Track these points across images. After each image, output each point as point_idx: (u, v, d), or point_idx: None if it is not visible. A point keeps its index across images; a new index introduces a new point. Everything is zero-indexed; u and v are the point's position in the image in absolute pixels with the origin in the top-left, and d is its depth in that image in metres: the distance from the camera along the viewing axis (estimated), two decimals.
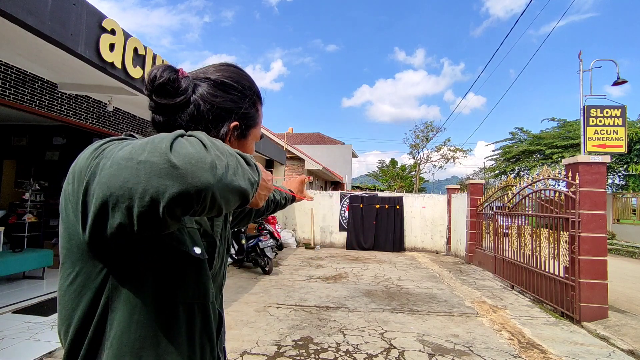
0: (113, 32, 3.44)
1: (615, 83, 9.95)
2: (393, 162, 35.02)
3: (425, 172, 29.56)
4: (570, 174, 5.00)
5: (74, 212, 0.57)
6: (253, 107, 0.80)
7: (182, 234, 0.66)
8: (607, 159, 4.91)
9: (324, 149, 27.41)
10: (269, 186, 0.70)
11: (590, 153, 9.77)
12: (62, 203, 0.61)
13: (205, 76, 0.75)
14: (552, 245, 5.27)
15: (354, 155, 30.21)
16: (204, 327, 0.71)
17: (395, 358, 3.44)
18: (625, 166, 16.40)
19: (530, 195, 6.21)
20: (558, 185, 5.78)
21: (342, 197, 11.48)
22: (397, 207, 11.17)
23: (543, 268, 5.53)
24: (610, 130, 9.84)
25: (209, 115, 0.72)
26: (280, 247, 8.25)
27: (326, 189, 20.55)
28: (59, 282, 0.63)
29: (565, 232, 5.00)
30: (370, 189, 31.38)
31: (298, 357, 3.38)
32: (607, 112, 9.86)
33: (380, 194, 11.89)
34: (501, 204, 7.50)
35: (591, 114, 9.86)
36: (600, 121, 9.86)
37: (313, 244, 11.22)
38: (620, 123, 9.84)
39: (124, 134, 0.64)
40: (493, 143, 25.30)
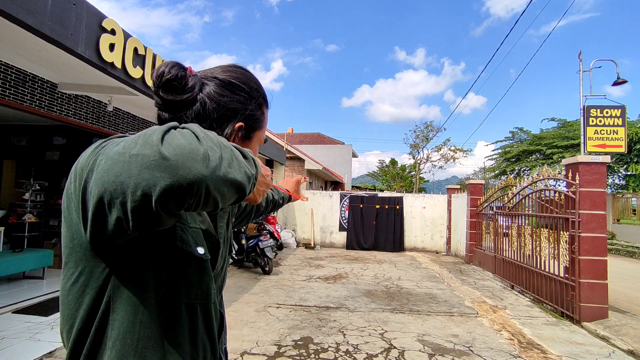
0: (113, 32, 3.44)
1: (615, 83, 9.95)
2: (393, 162, 35.03)
3: (425, 172, 29.60)
4: (570, 174, 5.00)
5: (77, 211, 0.57)
6: (259, 110, 0.80)
7: (186, 234, 0.66)
8: (607, 159, 4.92)
9: (324, 149, 27.42)
10: (268, 182, 0.70)
11: (590, 153, 9.77)
12: (65, 202, 0.60)
13: (213, 75, 0.75)
14: (552, 245, 5.27)
15: (354, 155, 30.21)
16: (206, 327, 0.70)
17: (395, 358, 3.44)
18: (625, 166, 16.39)
19: (530, 195, 6.21)
20: (558, 185, 5.78)
21: (342, 197, 11.48)
22: (397, 207, 11.17)
23: (543, 268, 5.53)
24: (610, 130, 9.83)
25: (215, 114, 0.72)
26: (280, 247, 8.26)
27: (326, 189, 20.54)
28: (62, 282, 0.63)
29: (565, 232, 5.00)
30: (370, 189, 31.38)
31: (298, 357, 3.38)
32: (607, 112, 9.86)
33: (380, 194, 11.89)
34: (501, 204, 7.50)
35: (591, 114, 9.86)
36: (600, 121, 9.86)
37: (313, 244, 11.22)
38: (620, 123, 9.83)
39: (128, 134, 0.64)
40: (493, 143, 25.32)
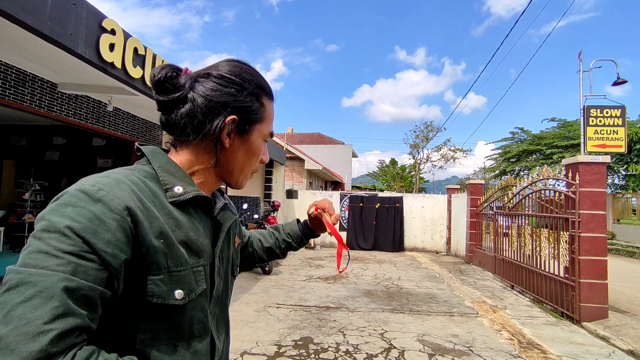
0: (113, 32, 3.44)
1: (615, 83, 9.95)
2: (393, 162, 35.03)
3: (425, 172, 29.60)
4: (570, 174, 5.00)
5: None
6: (256, 101, 0.75)
7: (160, 285, 0.60)
8: (607, 159, 4.92)
9: (324, 149, 27.41)
10: None
11: (590, 153, 9.77)
12: None
13: (206, 72, 0.74)
14: (552, 245, 5.27)
15: (354, 155, 30.21)
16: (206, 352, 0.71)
17: (395, 358, 3.43)
18: (625, 166, 16.39)
19: (530, 195, 6.21)
20: (558, 185, 5.77)
21: (342, 197, 11.47)
22: (397, 207, 11.17)
23: (543, 268, 5.53)
24: (610, 130, 9.83)
25: (204, 109, 0.70)
26: None
27: (326, 189, 20.55)
28: None
29: (565, 232, 5.00)
30: (370, 189, 31.37)
31: (298, 357, 3.38)
32: (607, 112, 9.86)
33: (380, 194, 11.89)
34: (501, 204, 7.50)
35: (591, 114, 9.86)
36: (600, 121, 9.86)
37: (313, 244, 11.22)
38: (620, 123, 9.83)
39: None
40: (493, 142, 25.31)
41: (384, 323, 4.40)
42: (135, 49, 3.78)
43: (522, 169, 21.40)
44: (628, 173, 16.41)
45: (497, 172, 23.33)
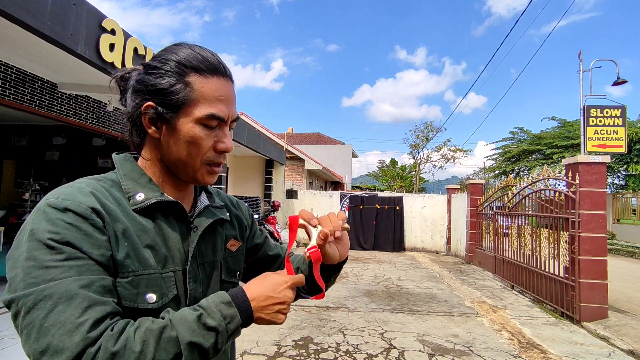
0: (113, 32, 3.44)
1: (615, 83, 9.94)
2: (393, 162, 35.03)
3: (425, 172, 29.59)
4: (570, 174, 5.00)
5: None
6: (176, 82, 0.65)
7: (128, 288, 0.59)
8: (607, 159, 4.91)
9: (324, 149, 27.40)
10: (279, 297, 0.65)
11: (590, 153, 9.77)
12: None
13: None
14: (552, 245, 5.27)
15: (354, 155, 30.21)
16: None
17: (395, 358, 3.43)
18: (625, 166, 16.39)
19: (530, 195, 6.21)
20: (558, 185, 5.77)
21: (342, 197, 11.47)
22: (397, 207, 11.17)
23: (543, 268, 5.53)
24: (610, 130, 9.83)
25: (129, 101, 0.68)
26: None
27: (326, 189, 20.55)
28: None
29: (565, 232, 5.00)
30: (370, 189, 31.37)
31: (298, 357, 3.38)
32: (607, 112, 9.85)
33: (380, 194, 11.89)
34: (501, 204, 7.50)
35: (591, 114, 9.86)
36: (600, 121, 9.85)
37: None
38: (620, 123, 9.83)
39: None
40: (493, 142, 25.32)
41: (384, 323, 4.40)
42: (135, 49, 3.79)
43: (522, 169, 21.40)
44: (628, 173, 16.41)
45: (497, 172, 23.33)
